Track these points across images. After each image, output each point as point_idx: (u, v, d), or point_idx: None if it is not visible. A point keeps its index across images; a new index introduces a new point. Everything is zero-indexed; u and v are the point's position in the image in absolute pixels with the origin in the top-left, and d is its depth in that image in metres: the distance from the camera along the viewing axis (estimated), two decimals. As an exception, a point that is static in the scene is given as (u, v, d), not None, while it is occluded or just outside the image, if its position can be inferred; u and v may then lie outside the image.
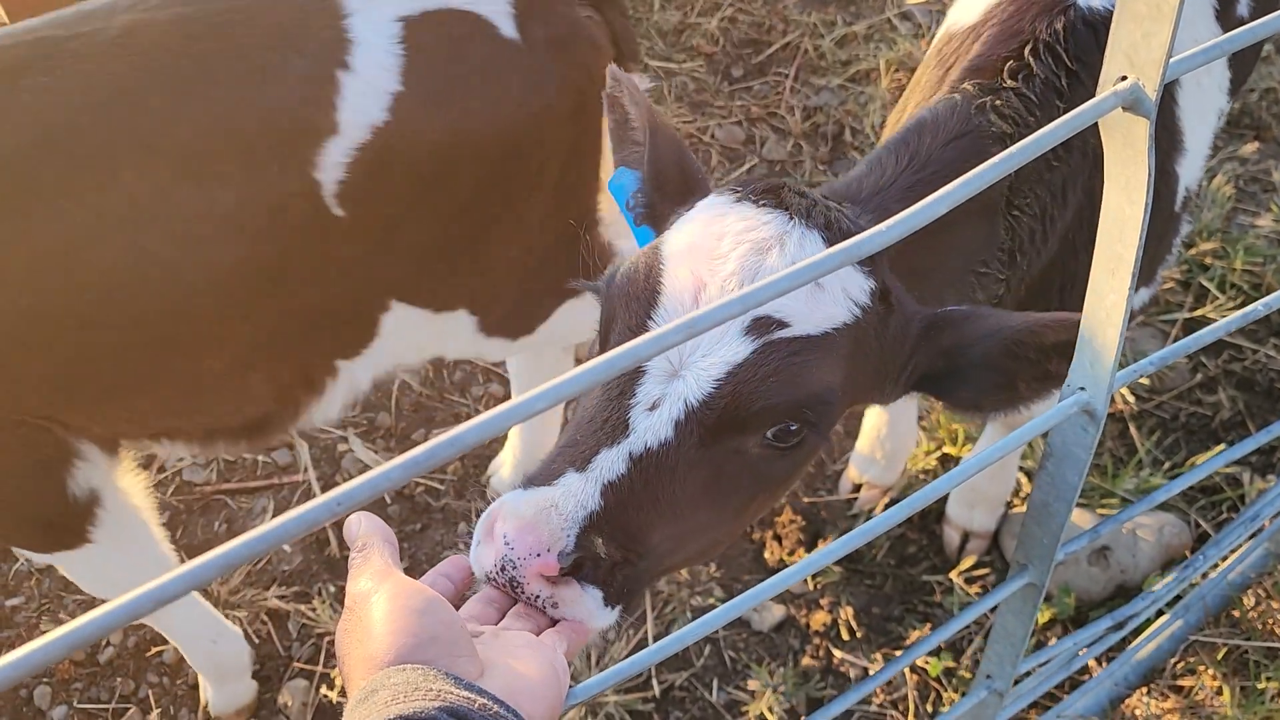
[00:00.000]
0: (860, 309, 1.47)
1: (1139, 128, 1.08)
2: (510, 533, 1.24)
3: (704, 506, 1.41)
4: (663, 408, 1.38)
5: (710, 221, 1.52)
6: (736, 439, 1.41)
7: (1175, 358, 1.38)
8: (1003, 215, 1.81)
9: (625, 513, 1.32)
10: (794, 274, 0.93)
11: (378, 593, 1.01)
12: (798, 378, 1.39)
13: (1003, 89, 1.81)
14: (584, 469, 1.34)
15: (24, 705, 2.83)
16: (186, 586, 0.75)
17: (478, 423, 0.83)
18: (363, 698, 0.91)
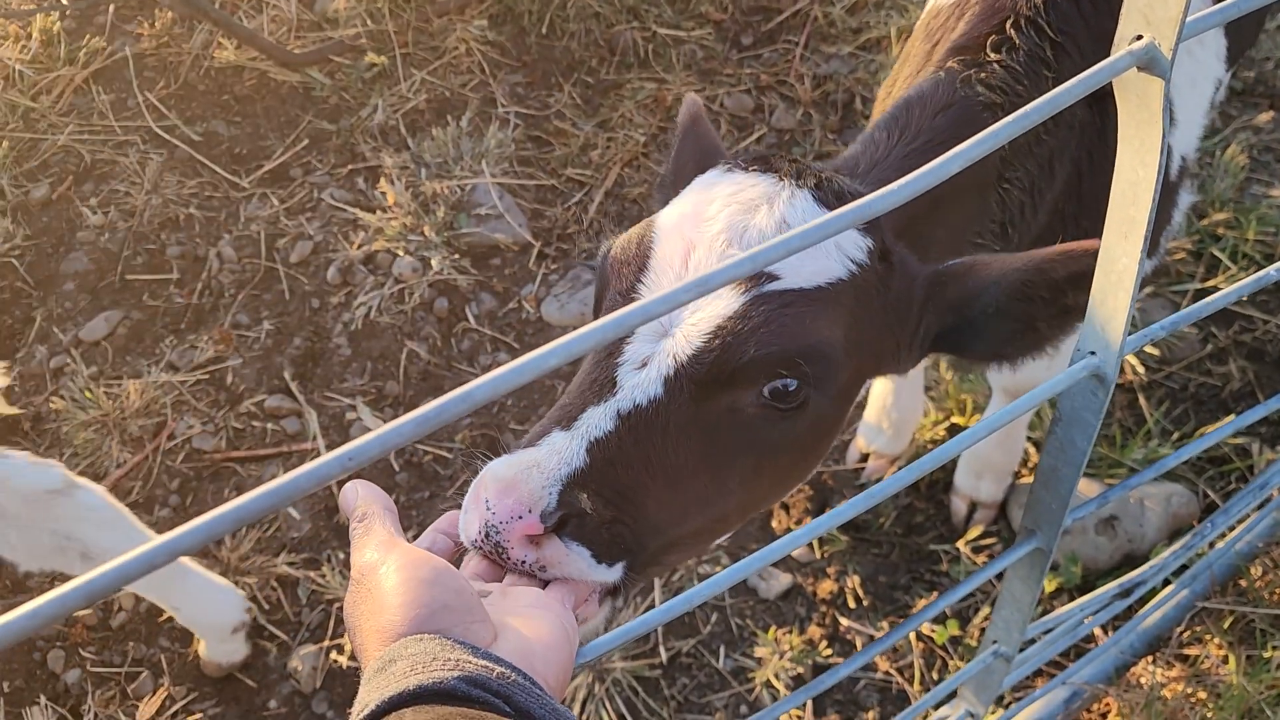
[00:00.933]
0: (857, 265, 1.46)
1: (1154, 88, 1.07)
2: (491, 496, 1.22)
3: (701, 471, 1.38)
4: (652, 365, 1.36)
5: (702, 190, 1.52)
6: (730, 395, 1.38)
7: (1187, 323, 1.37)
8: (994, 188, 1.81)
9: (614, 471, 1.30)
10: (803, 233, 0.93)
11: (385, 564, 1.01)
12: (788, 328, 1.37)
13: (987, 63, 1.81)
14: (569, 427, 1.32)
15: (38, 669, 2.86)
16: (204, 539, 0.76)
17: (489, 379, 0.83)
18: (380, 668, 0.91)
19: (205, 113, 4.04)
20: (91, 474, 3.18)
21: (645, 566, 1.38)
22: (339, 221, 3.70)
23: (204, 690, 2.81)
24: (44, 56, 4.16)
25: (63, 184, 3.85)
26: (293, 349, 3.42)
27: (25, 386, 3.39)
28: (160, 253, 3.67)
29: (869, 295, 1.48)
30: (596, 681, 2.74)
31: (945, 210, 1.74)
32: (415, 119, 3.99)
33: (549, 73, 4.13)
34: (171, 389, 3.33)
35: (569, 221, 3.71)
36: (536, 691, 0.93)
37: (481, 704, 0.88)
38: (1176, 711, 2.49)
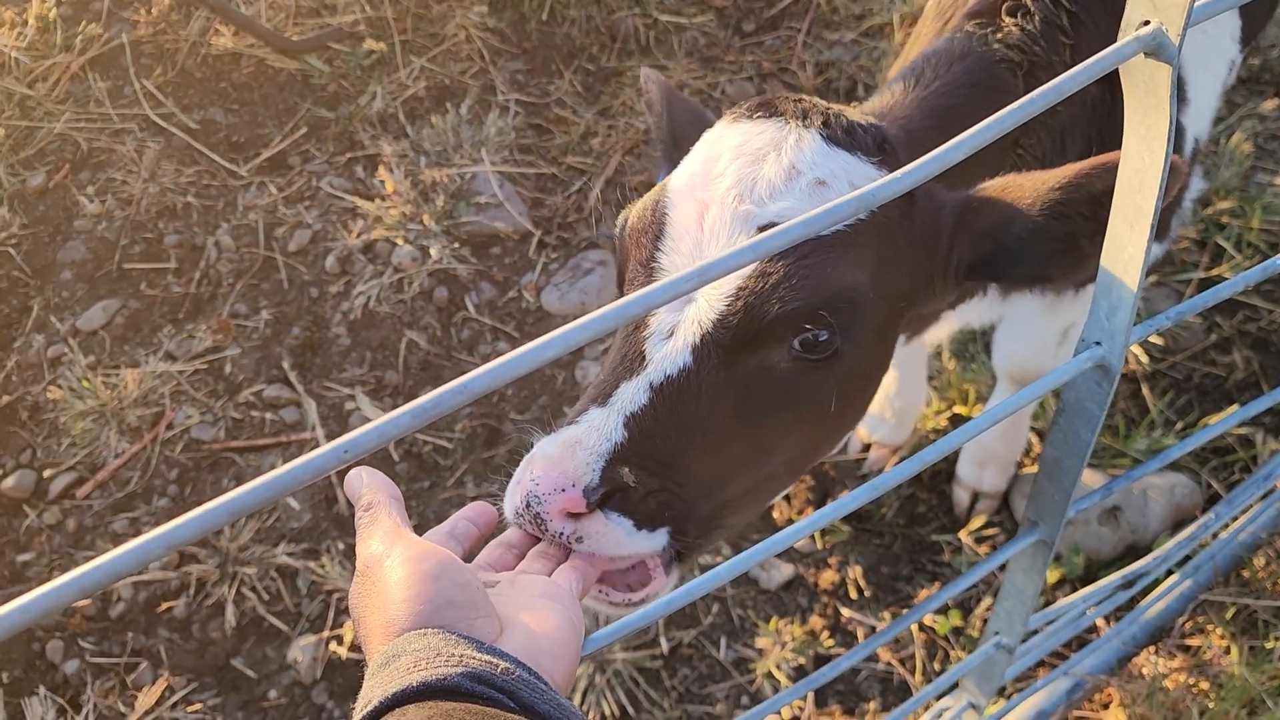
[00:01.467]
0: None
1: (1161, 74, 1.06)
2: (537, 471, 1.25)
3: (742, 431, 1.38)
4: (678, 334, 1.36)
5: (709, 145, 1.50)
6: (759, 354, 1.38)
7: (1193, 312, 1.35)
8: (1010, 152, 1.80)
9: (653, 442, 1.31)
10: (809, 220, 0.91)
11: (390, 556, 1.00)
12: (811, 280, 1.36)
13: (1002, 25, 1.80)
14: (605, 403, 1.33)
15: (37, 659, 2.85)
16: (199, 531, 0.75)
17: (486, 370, 0.82)
18: (383, 663, 0.91)
19: (203, 100, 4.02)
20: (90, 464, 3.17)
21: (701, 531, 1.38)
22: (338, 210, 3.69)
23: (204, 681, 2.80)
24: (40, 43, 4.13)
25: (59, 172, 3.83)
26: (291, 338, 3.41)
27: (23, 376, 3.37)
28: (158, 241, 3.66)
29: (892, 231, 1.45)
30: (598, 672, 2.73)
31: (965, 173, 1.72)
32: (414, 106, 3.96)
33: (549, 60, 4.10)
34: (170, 379, 3.31)
35: (569, 210, 3.69)
36: (541, 687, 0.92)
37: (486, 700, 0.87)
38: (1178, 702, 2.48)
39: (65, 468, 3.17)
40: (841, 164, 1.44)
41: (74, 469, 3.17)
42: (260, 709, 2.76)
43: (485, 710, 0.85)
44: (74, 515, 3.08)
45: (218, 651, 2.84)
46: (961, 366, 3.15)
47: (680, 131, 1.76)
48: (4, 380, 3.37)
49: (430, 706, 0.84)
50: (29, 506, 3.11)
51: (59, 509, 3.09)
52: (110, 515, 3.07)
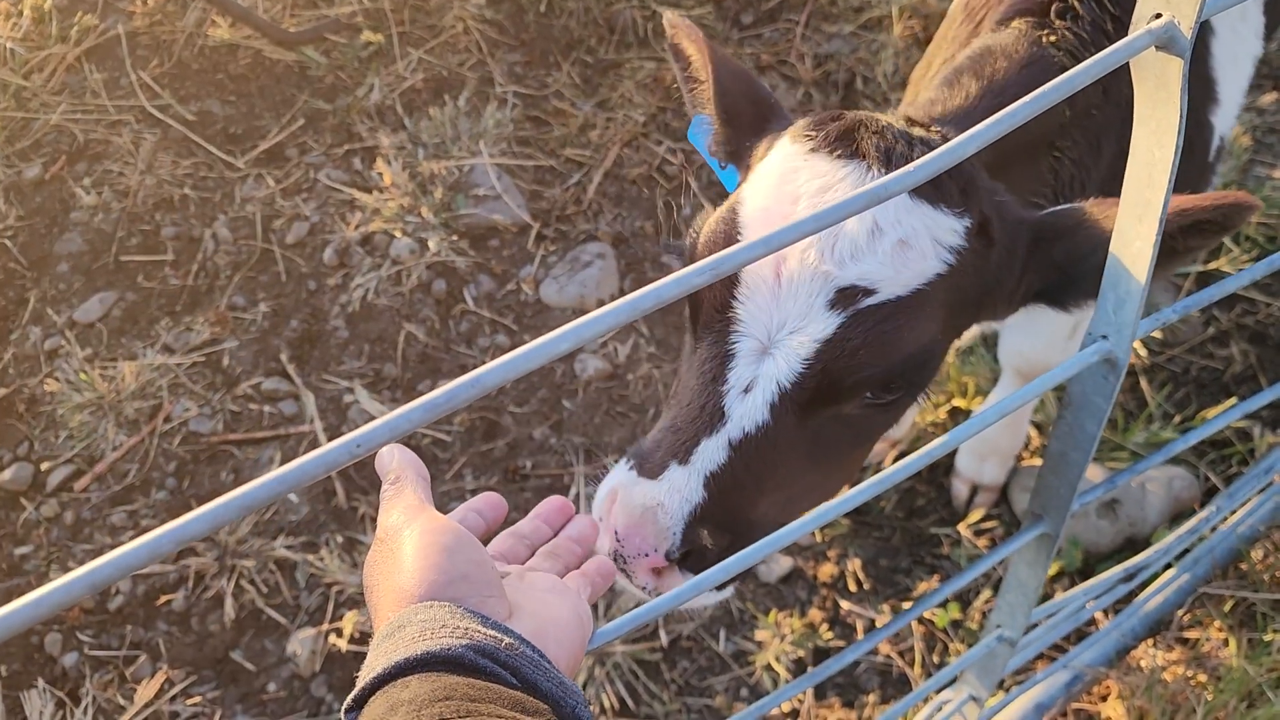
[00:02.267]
0: (954, 253, 1.41)
1: (1173, 68, 1.05)
2: (621, 530, 1.34)
3: (809, 471, 1.44)
4: (756, 390, 1.39)
5: (784, 179, 1.45)
6: (833, 409, 1.42)
7: (1199, 306, 1.35)
8: (1046, 154, 1.79)
9: (729, 498, 1.37)
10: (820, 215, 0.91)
11: (409, 527, 1.01)
12: (889, 345, 1.37)
13: (1054, 28, 1.78)
14: (686, 462, 1.38)
15: (35, 652, 2.84)
16: (211, 526, 0.74)
17: (500, 364, 0.82)
18: (389, 633, 0.91)
19: (199, 92, 4.00)
20: (87, 456, 3.16)
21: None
22: (335, 202, 3.67)
23: (203, 673, 2.80)
24: (35, 34, 4.11)
25: (55, 164, 3.81)
26: (289, 331, 3.40)
27: (20, 368, 3.36)
28: (155, 233, 3.64)
29: (968, 276, 1.45)
30: (597, 665, 2.73)
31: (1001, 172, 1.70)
32: (412, 98, 3.95)
33: (547, 52, 4.09)
34: (167, 371, 3.30)
35: (568, 202, 3.68)
36: (544, 665, 0.92)
37: (488, 674, 0.87)
38: (1177, 694, 2.49)
39: (63, 460, 3.16)
40: (924, 220, 1.40)
41: (72, 462, 3.16)
42: (259, 702, 2.76)
43: (488, 686, 0.85)
44: (72, 508, 3.07)
45: (217, 644, 2.84)
46: (960, 360, 3.15)
47: (732, 104, 1.68)
48: (1, 373, 3.36)
49: (433, 678, 0.85)
50: (26, 499, 3.10)
51: (57, 502, 3.08)
52: (108, 508, 3.07)
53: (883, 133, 1.46)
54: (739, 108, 1.69)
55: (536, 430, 3.18)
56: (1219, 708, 2.43)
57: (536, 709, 0.86)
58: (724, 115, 1.70)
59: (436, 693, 0.82)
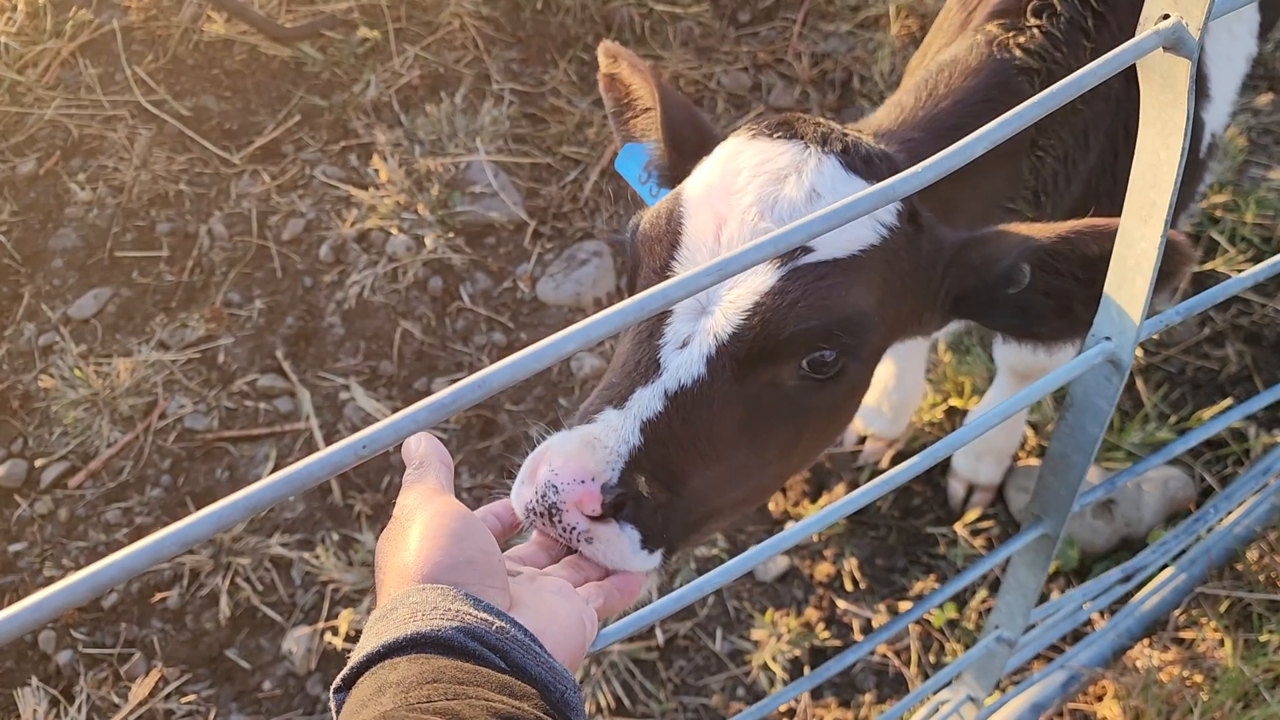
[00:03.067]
0: (888, 229, 1.45)
1: (1180, 69, 1.05)
2: (557, 464, 1.25)
3: (745, 444, 1.40)
4: (693, 344, 1.38)
5: (727, 160, 1.50)
6: (771, 370, 1.39)
7: (1203, 308, 1.35)
8: (1027, 155, 1.79)
9: (665, 450, 1.32)
10: (829, 215, 0.91)
11: (422, 509, 1.02)
12: (826, 301, 1.38)
13: (1026, 27, 1.78)
14: (621, 406, 1.34)
15: (29, 650, 2.83)
16: (213, 528, 0.74)
17: (506, 364, 0.81)
18: (383, 614, 0.92)
19: (195, 87, 3.98)
20: (82, 453, 3.15)
21: (683, 545, 1.40)
22: (331, 199, 3.66)
23: (197, 672, 2.79)
24: (30, 29, 4.09)
25: (50, 159, 3.79)
26: (285, 328, 3.38)
27: (14, 364, 3.34)
28: (150, 230, 3.62)
29: (899, 258, 1.48)
30: (594, 664, 2.73)
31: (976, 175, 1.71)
32: (408, 95, 3.94)
33: (544, 49, 4.08)
34: (162, 368, 3.29)
35: (564, 200, 3.67)
36: (535, 649, 0.92)
37: (477, 657, 0.88)
38: (1173, 695, 2.49)
39: (57, 457, 3.14)
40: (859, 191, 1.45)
41: (66, 458, 3.14)
42: (254, 700, 2.75)
43: (476, 669, 0.85)
44: (66, 505, 3.05)
45: (211, 642, 2.83)
46: (957, 359, 3.15)
47: (678, 130, 1.75)
48: (-6, 369, 3.34)
49: (422, 660, 0.85)
50: (20, 496, 3.08)
51: (51, 499, 3.07)
52: (103, 505, 3.05)
53: (820, 123, 1.52)
54: (684, 134, 1.74)
55: (533, 428, 3.17)
56: (1215, 708, 2.44)
57: (524, 692, 0.86)
58: (670, 141, 1.75)
59: (424, 675, 0.83)
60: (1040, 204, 1.84)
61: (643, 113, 1.80)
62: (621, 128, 1.84)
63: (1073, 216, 1.93)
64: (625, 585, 1.25)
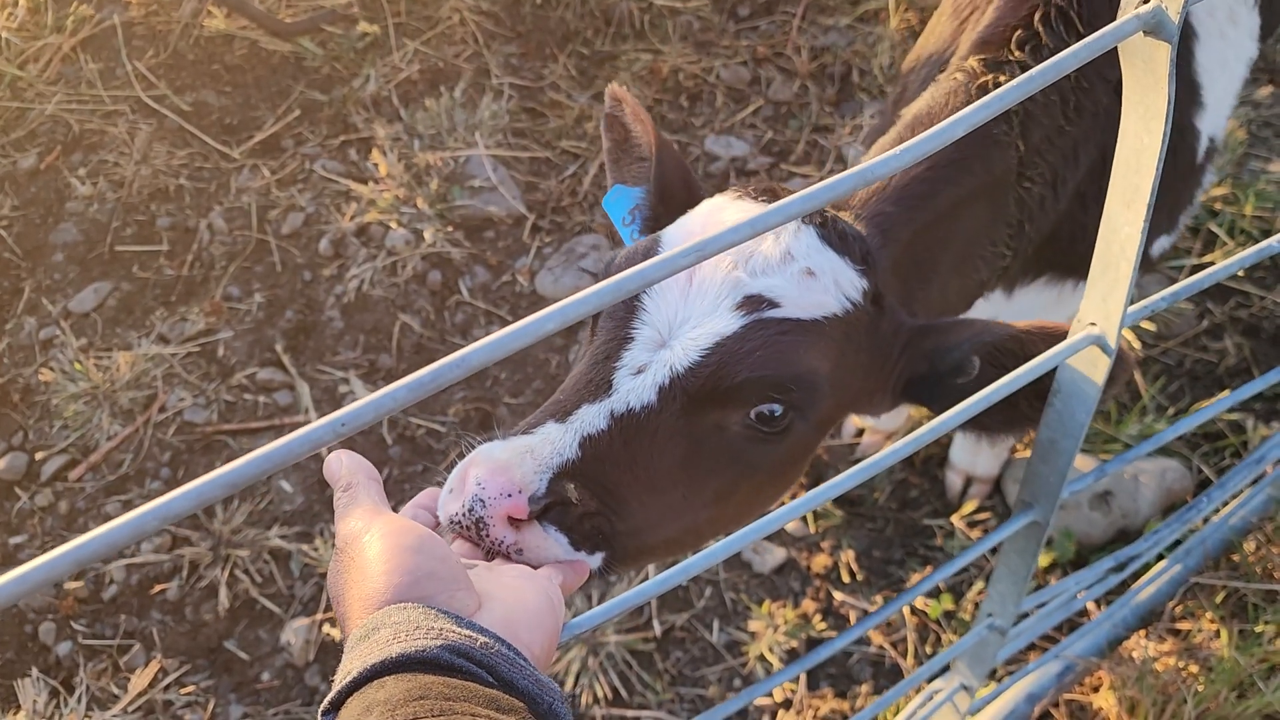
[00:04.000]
0: (851, 304, 1.49)
1: (1160, 53, 1.05)
2: (483, 475, 1.24)
3: (682, 480, 1.41)
4: (648, 372, 1.40)
5: (710, 213, 1.56)
6: (719, 413, 1.41)
7: (1190, 294, 1.36)
8: (1012, 189, 1.79)
9: (602, 467, 1.33)
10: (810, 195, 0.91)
11: (369, 532, 1.01)
12: (783, 355, 1.40)
13: (1009, 62, 1.77)
14: (564, 420, 1.35)
15: (29, 641, 2.85)
16: (196, 503, 0.75)
17: (486, 343, 0.82)
18: (363, 635, 0.91)
19: (195, 82, 4.00)
20: (82, 446, 3.16)
21: (621, 563, 1.41)
22: (331, 193, 3.67)
23: (197, 663, 2.80)
24: (31, 24, 4.10)
25: (51, 154, 3.80)
26: (285, 322, 3.40)
27: (14, 358, 3.36)
28: (150, 224, 3.64)
29: (858, 334, 1.51)
30: (590, 655, 2.74)
31: (954, 223, 1.73)
32: (408, 90, 3.95)
33: (544, 43, 4.09)
34: (162, 361, 3.30)
35: (563, 194, 3.68)
36: (520, 662, 0.92)
37: (465, 674, 0.87)
38: (1168, 685, 2.50)
39: (57, 450, 3.16)
40: (830, 262, 1.50)
41: (66, 451, 3.16)
42: (253, 691, 2.76)
43: (465, 685, 0.85)
44: (66, 498, 3.07)
45: (210, 634, 2.84)
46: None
47: (669, 184, 1.78)
48: (-5, 362, 3.36)
49: (409, 679, 0.85)
50: (21, 489, 3.10)
51: (51, 491, 3.09)
52: (103, 498, 3.07)
53: None
54: (674, 189, 1.78)
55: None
56: (1210, 698, 2.44)
57: (512, 706, 0.86)
58: (660, 192, 1.78)
59: (412, 692, 0.83)
60: (1024, 233, 1.84)
61: (637, 160, 1.83)
62: (615, 168, 1.87)
63: (1058, 228, 1.94)
64: (576, 567, 1.26)
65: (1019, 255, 1.87)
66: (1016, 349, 1.49)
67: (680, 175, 1.78)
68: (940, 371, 1.57)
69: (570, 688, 2.70)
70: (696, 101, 3.92)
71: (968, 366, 1.53)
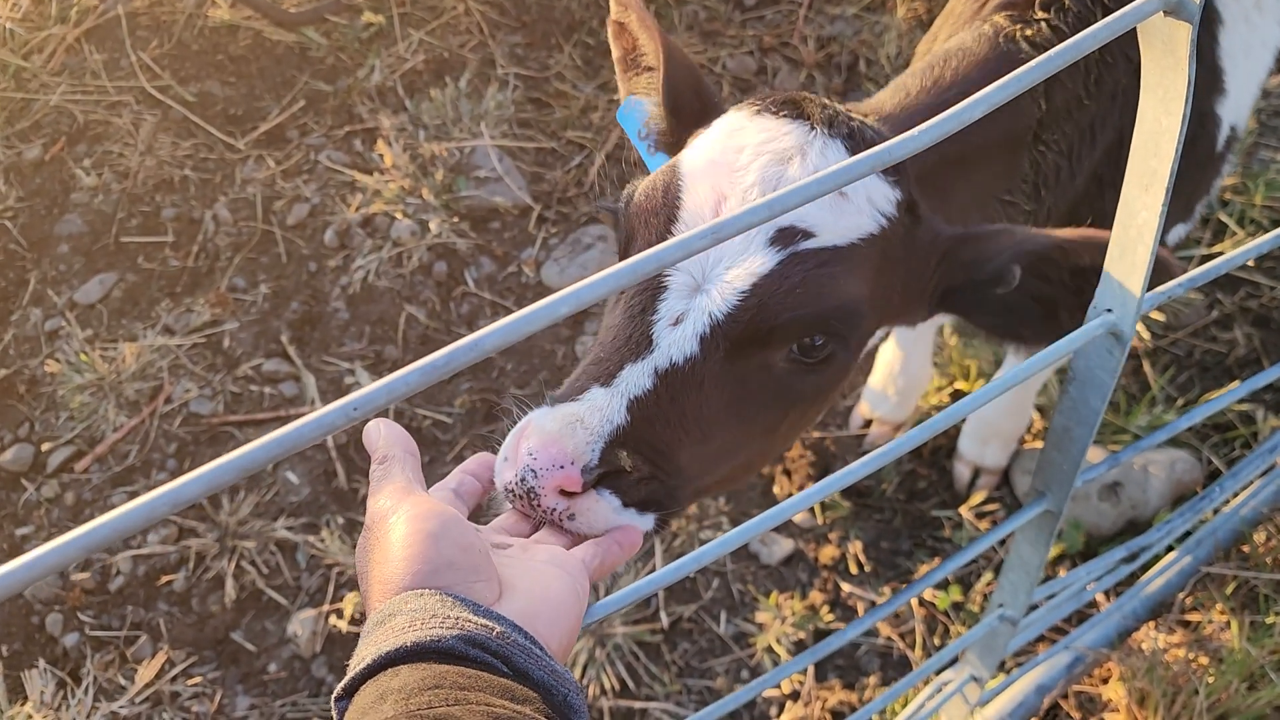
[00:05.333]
0: (886, 219, 1.44)
1: (1181, 33, 1.04)
2: (535, 446, 1.23)
3: (732, 424, 1.39)
4: (686, 322, 1.36)
5: (729, 135, 1.48)
6: (762, 353, 1.38)
7: (1207, 280, 1.34)
8: (1029, 149, 1.78)
9: (652, 428, 1.31)
10: (822, 180, 0.90)
11: (396, 513, 1.00)
12: (824, 288, 1.37)
13: (1034, 20, 1.76)
14: (609, 384, 1.32)
15: (36, 632, 2.84)
16: (206, 488, 0.73)
17: (500, 326, 0.81)
18: (379, 621, 0.91)
19: (200, 73, 3.98)
20: (88, 437, 3.16)
21: (675, 517, 1.41)
22: (336, 184, 3.66)
23: (203, 654, 2.80)
24: (35, 14, 4.09)
25: (55, 145, 3.79)
26: (290, 313, 3.39)
27: (20, 349, 3.36)
28: (155, 215, 3.63)
29: (895, 248, 1.47)
30: (598, 646, 2.73)
31: (972, 165, 1.70)
32: (413, 80, 3.93)
33: (549, 33, 4.07)
34: (168, 352, 3.30)
35: (569, 185, 3.67)
36: (536, 652, 0.91)
37: (479, 664, 0.87)
38: (1178, 676, 2.48)
39: (63, 441, 3.15)
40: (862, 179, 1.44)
41: (72, 443, 3.15)
42: (260, 682, 2.76)
43: (478, 674, 0.85)
44: (72, 489, 3.07)
45: (217, 625, 2.84)
46: (963, 343, 3.14)
47: (680, 95, 1.70)
48: (1, 354, 3.35)
49: (423, 668, 0.84)
50: (27, 480, 3.09)
51: (57, 483, 3.08)
52: (109, 489, 3.06)
53: (826, 106, 1.50)
54: (685, 100, 1.70)
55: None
56: (1220, 689, 2.43)
57: (526, 696, 0.85)
58: (671, 105, 1.71)
59: (426, 681, 0.82)
60: (1040, 197, 1.82)
61: (646, 70, 1.77)
62: (626, 79, 1.80)
63: (1076, 209, 1.93)
64: (625, 538, 1.24)
65: (1035, 220, 1.85)
66: (1060, 258, 1.45)
67: (692, 85, 1.70)
68: (980, 281, 1.52)
69: (577, 679, 2.69)
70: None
71: (1008, 276, 1.48)
